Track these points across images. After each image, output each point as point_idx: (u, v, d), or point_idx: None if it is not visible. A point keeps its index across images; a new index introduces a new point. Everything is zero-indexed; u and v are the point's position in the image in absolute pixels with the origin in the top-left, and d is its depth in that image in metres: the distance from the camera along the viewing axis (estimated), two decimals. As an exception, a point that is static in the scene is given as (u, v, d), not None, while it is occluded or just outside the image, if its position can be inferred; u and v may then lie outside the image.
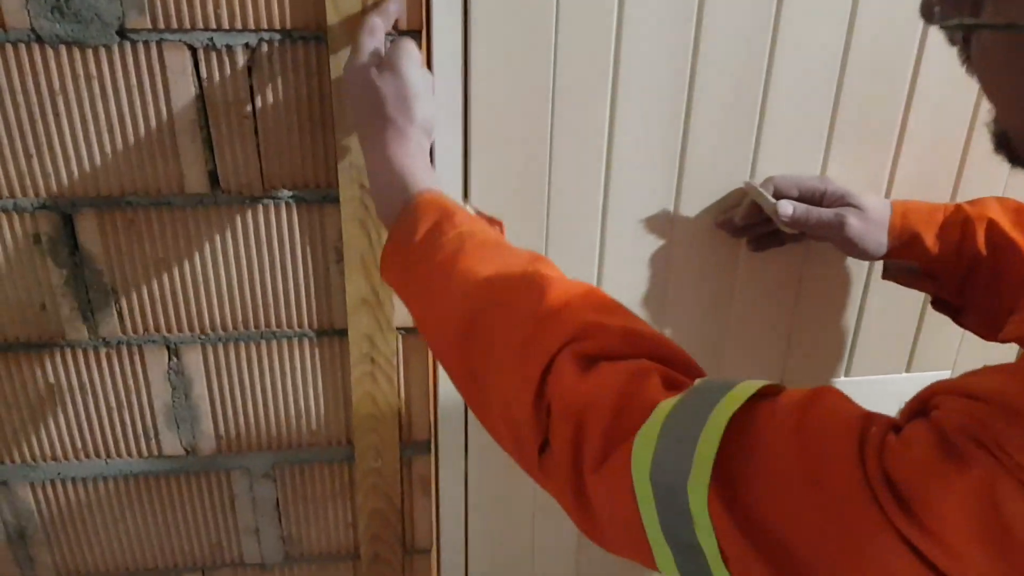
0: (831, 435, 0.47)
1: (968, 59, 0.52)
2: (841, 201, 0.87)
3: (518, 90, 0.83)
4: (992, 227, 0.85)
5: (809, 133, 0.90)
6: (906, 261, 0.88)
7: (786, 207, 0.85)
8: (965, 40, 0.52)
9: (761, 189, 0.87)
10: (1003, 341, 0.56)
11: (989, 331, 0.88)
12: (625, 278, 0.94)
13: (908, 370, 1.06)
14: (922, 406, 0.49)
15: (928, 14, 0.52)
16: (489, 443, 0.98)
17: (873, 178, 0.93)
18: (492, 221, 0.72)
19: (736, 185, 0.91)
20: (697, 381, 0.54)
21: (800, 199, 0.87)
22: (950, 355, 1.06)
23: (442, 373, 0.95)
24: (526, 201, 0.88)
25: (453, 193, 0.85)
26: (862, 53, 0.86)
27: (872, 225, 0.86)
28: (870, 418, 0.48)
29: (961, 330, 0.97)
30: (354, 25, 0.76)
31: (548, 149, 0.86)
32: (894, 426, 0.48)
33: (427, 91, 0.72)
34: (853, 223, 0.85)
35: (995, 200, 0.88)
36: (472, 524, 1.05)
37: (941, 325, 0.95)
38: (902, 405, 0.52)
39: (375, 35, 0.73)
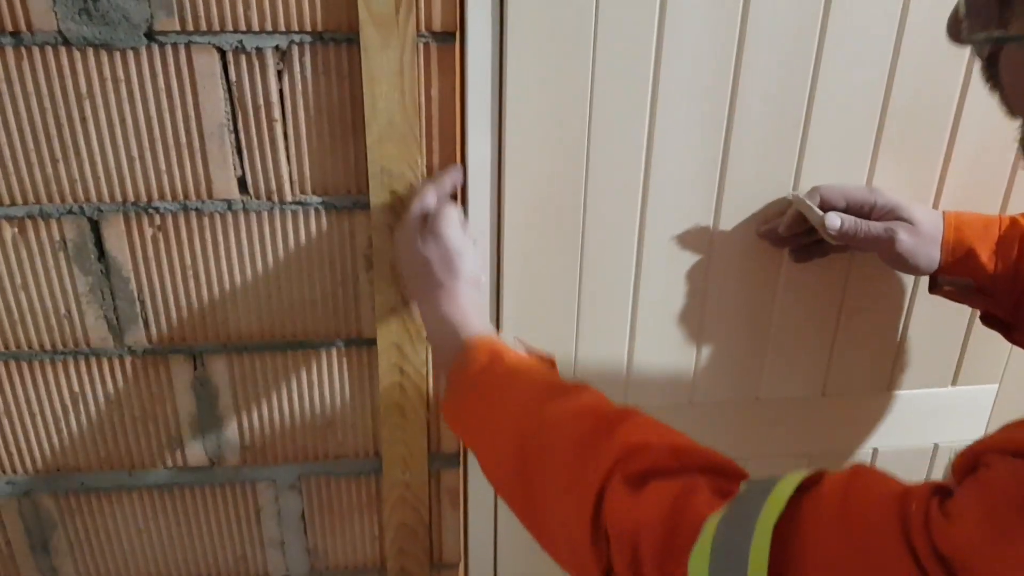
0: (873, 521, 0.48)
1: (992, 76, 0.52)
2: (891, 214, 0.83)
3: (555, 96, 0.80)
4: None
5: (855, 142, 0.87)
6: (959, 278, 0.84)
7: (834, 220, 0.81)
8: (991, 56, 0.51)
9: (808, 201, 0.84)
10: None
11: None
12: (662, 290, 0.91)
13: (954, 384, 1.02)
14: (973, 463, 0.49)
15: (955, 31, 0.52)
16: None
17: (921, 188, 0.90)
18: (542, 357, 0.73)
19: (778, 195, 0.88)
20: (740, 487, 0.54)
21: (847, 211, 0.84)
22: (997, 369, 1.02)
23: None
24: (560, 212, 0.86)
25: (484, 206, 0.84)
26: (911, 60, 0.83)
27: (923, 240, 0.82)
28: (907, 495, 0.48)
29: (1010, 344, 0.94)
30: (388, 32, 0.74)
31: (584, 159, 0.83)
32: (936, 492, 0.48)
33: (468, 249, 0.76)
34: (904, 238, 0.81)
35: None
36: (501, 538, 1.03)
37: (989, 338, 0.92)
38: (951, 458, 0.50)
39: (425, 202, 0.78)
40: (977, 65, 0.84)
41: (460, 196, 0.84)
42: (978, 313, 0.91)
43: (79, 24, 0.73)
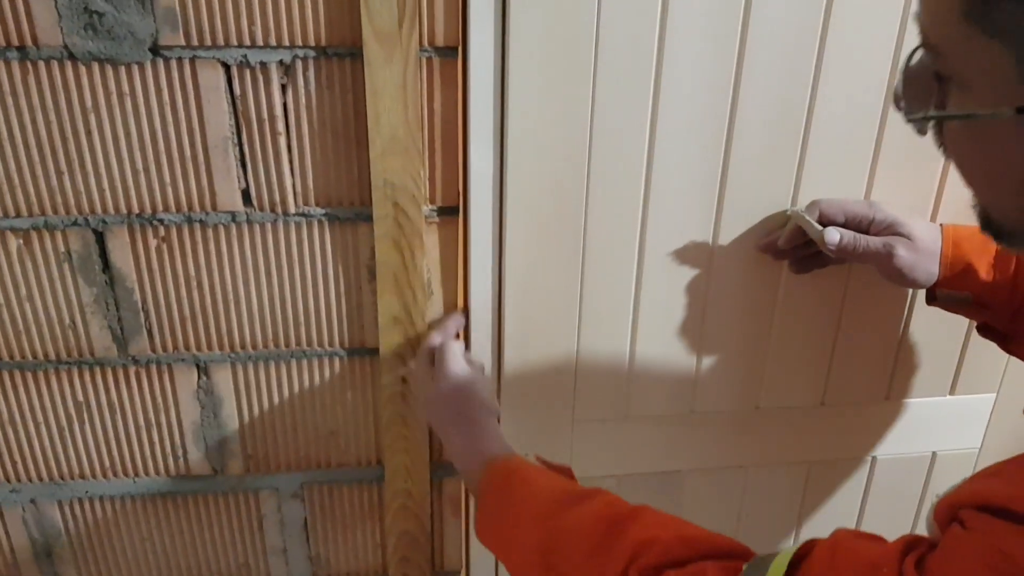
0: None
1: (943, 145, 0.53)
2: (890, 229, 0.84)
3: (556, 109, 0.81)
4: None
5: (854, 156, 0.87)
6: (958, 291, 0.84)
7: (833, 235, 0.82)
8: (937, 130, 0.53)
9: (807, 216, 0.85)
10: None
11: None
12: (663, 302, 0.92)
13: (952, 393, 1.03)
14: (951, 516, 0.52)
15: (898, 107, 0.54)
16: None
17: (919, 201, 0.91)
18: (558, 468, 0.78)
19: (778, 208, 0.89)
20: (743, 568, 0.59)
21: (846, 225, 0.85)
22: (995, 378, 1.03)
23: (474, 393, 0.94)
24: (562, 223, 0.86)
25: (486, 219, 0.84)
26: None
27: (922, 255, 0.83)
28: (878, 566, 0.52)
29: (1006, 354, 0.95)
30: (391, 48, 0.75)
31: (585, 171, 0.84)
32: (910, 549, 0.52)
33: (477, 379, 0.82)
34: (902, 254, 0.82)
35: None
36: (502, 546, 1.03)
37: (987, 348, 0.92)
38: (935, 498, 0.55)
39: (431, 343, 0.85)
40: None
41: (463, 208, 0.85)
42: (975, 324, 0.91)
43: (84, 39, 0.74)
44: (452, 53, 0.78)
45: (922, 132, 0.53)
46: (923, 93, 0.51)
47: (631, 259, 0.90)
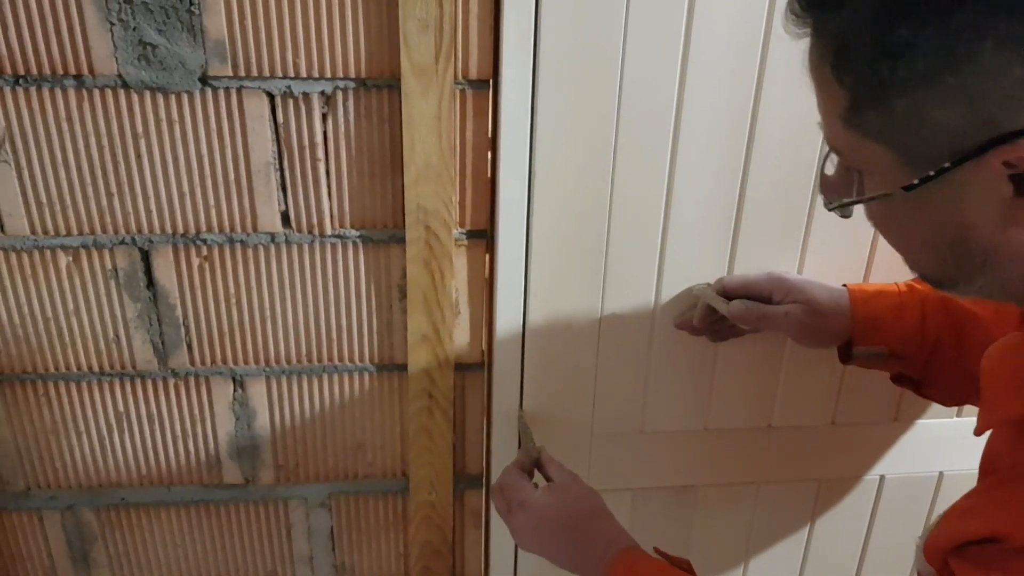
0: None
1: (871, 220, 0.61)
2: (791, 296, 0.87)
3: (582, 140, 0.85)
4: (948, 302, 0.85)
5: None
6: (872, 346, 0.88)
7: (737, 307, 0.87)
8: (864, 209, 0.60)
9: (712, 292, 0.90)
10: (979, 434, 0.65)
11: (952, 398, 0.91)
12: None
13: (959, 415, 1.06)
14: (941, 563, 0.60)
15: (823, 200, 0.63)
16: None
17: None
18: (678, 560, 0.78)
19: (793, 235, 0.93)
20: None
21: (750, 297, 0.89)
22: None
23: (496, 408, 0.97)
24: (585, 246, 0.90)
25: (517, 243, 0.88)
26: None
27: (825, 319, 0.87)
28: None
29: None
30: (428, 81, 0.79)
31: (608, 198, 0.88)
32: None
33: (578, 481, 0.83)
34: (804, 320, 0.86)
35: None
36: (521, 558, 1.07)
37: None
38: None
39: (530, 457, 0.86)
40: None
41: (491, 231, 0.89)
42: (889, 375, 0.93)
43: (138, 69, 0.78)
44: (484, 86, 0.82)
45: (846, 216, 0.62)
46: (844, 184, 0.59)
47: (650, 282, 0.93)
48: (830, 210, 0.62)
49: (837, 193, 0.61)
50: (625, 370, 0.98)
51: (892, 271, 0.96)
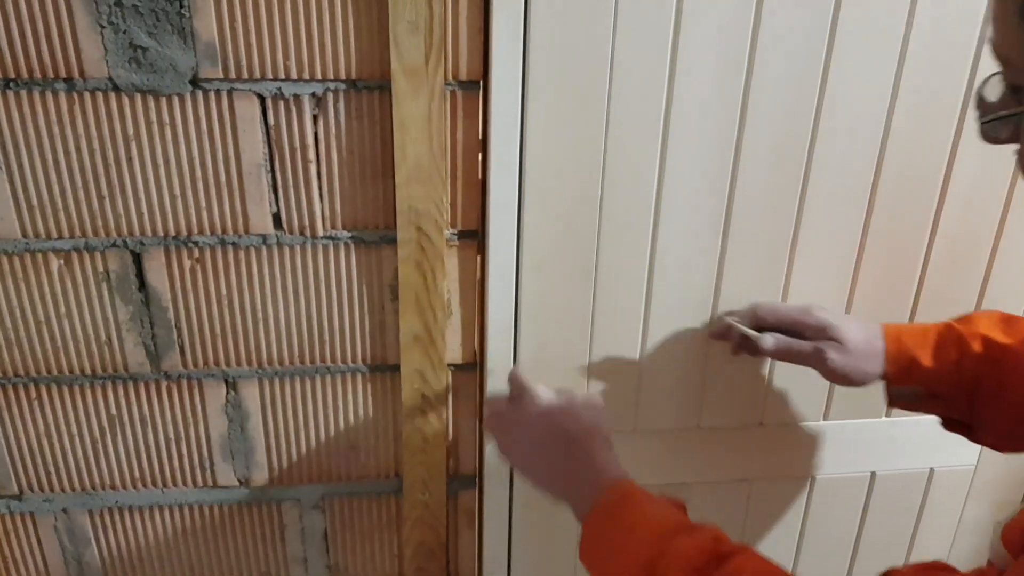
0: None
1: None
2: (823, 333, 0.87)
3: (571, 140, 0.85)
4: (986, 341, 0.84)
5: (850, 190, 0.92)
6: (907, 386, 0.87)
7: (768, 341, 0.88)
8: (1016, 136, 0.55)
9: (741, 326, 0.91)
10: None
11: (1005, 444, 0.88)
12: (671, 321, 0.96)
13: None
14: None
15: (977, 116, 0.57)
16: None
17: (910, 247, 0.97)
18: (674, 502, 0.77)
19: (779, 240, 0.93)
20: None
21: (781, 329, 0.89)
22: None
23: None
24: (575, 246, 0.90)
25: (508, 243, 0.88)
26: (900, 135, 0.89)
27: (855, 357, 0.86)
28: None
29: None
30: (418, 82, 0.79)
31: (599, 198, 0.88)
32: None
33: (575, 404, 0.81)
34: (833, 357, 0.85)
35: (981, 315, 0.88)
36: (515, 558, 1.07)
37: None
38: None
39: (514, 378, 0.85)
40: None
41: (482, 232, 0.89)
42: (940, 422, 0.92)
43: (129, 72, 0.78)
44: (475, 87, 0.83)
45: (997, 138, 0.56)
46: (1007, 105, 0.54)
47: (641, 281, 0.94)
48: (984, 124, 0.56)
49: (995, 111, 0.55)
50: (617, 369, 0.98)
51: (875, 300, 0.97)
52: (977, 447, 1.10)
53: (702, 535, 0.69)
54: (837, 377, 0.87)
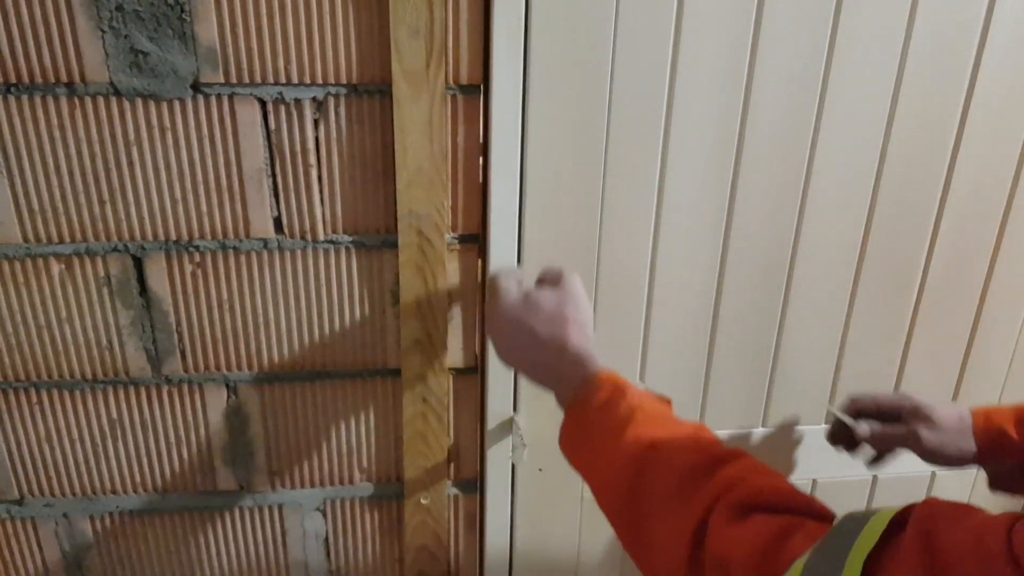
0: (963, 554, 0.49)
1: None
2: (916, 415, 0.90)
3: (572, 144, 0.85)
4: None
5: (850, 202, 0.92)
6: (1000, 462, 0.89)
7: (864, 428, 0.92)
8: None
9: (839, 412, 0.95)
10: None
11: None
12: (671, 323, 0.96)
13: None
14: None
15: None
16: (536, 483, 1.01)
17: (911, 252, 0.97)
18: (661, 399, 0.77)
19: (781, 238, 0.93)
20: (836, 521, 0.56)
21: (878, 414, 0.94)
22: (993, 397, 1.07)
23: (490, 412, 0.97)
24: (576, 249, 0.90)
25: (509, 246, 0.88)
26: (900, 144, 0.89)
27: (947, 434, 0.88)
28: (980, 535, 0.49)
29: (1005, 372, 0.99)
30: (419, 86, 0.79)
31: (600, 201, 0.88)
32: (1015, 521, 0.49)
33: (555, 295, 0.80)
34: (927, 436, 0.88)
35: None
36: (517, 562, 1.07)
37: (986, 366, 0.97)
38: None
39: (517, 274, 0.85)
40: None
41: (482, 235, 0.89)
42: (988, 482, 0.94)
43: (130, 76, 0.79)
44: (475, 91, 0.83)
45: None
46: None
47: (642, 286, 0.94)
48: None
49: None
50: (618, 372, 0.98)
51: (876, 305, 0.97)
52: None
53: (694, 435, 0.69)
54: (932, 456, 0.89)
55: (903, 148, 0.91)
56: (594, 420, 0.73)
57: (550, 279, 0.83)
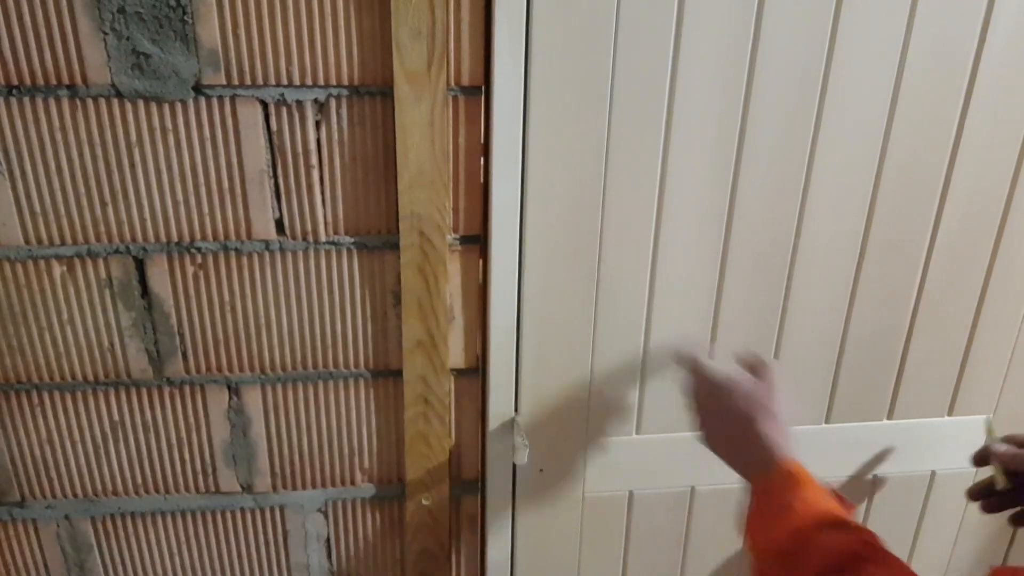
0: None
1: None
2: None
3: (574, 145, 0.85)
4: None
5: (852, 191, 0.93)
6: None
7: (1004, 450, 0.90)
8: None
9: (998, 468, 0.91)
10: None
11: None
12: (673, 324, 0.96)
13: (950, 413, 1.07)
14: None
15: None
16: (537, 484, 1.01)
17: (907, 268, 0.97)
18: (841, 499, 0.79)
19: (782, 233, 0.93)
20: None
21: None
22: (992, 399, 1.07)
23: (492, 413, 0.97)
24: (578, 250, 0.91)
25: (510, 246, 0.89)
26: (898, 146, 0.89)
27: None
28: None
29: (1003, 374, 0.99)
30: (420, 88, 0.79)
31: (600, 201, 0.88)
32: None
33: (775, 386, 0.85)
34: None
35: None
36: (518, 564, 1.07)
37: (983, 369, 0.97)
38: None
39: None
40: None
41: (485, 237, 0.89)
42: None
43: (131, 78, 0.79)
44: (477, 92, 0.83)
45: None
46: None
47: (643, 286, 0.94)
48: None
49: None
50: (619, 373, 0.98)
51: (875, 304, 0.97)
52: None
53: (847, 535, 0.72)
54: None
55: (902, 150, 0.91)
56: (766, 507, 0.78)
57: (749, 363, 0.88)
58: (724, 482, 1.07)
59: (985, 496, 0.91)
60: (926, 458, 1.09)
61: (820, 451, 1.06)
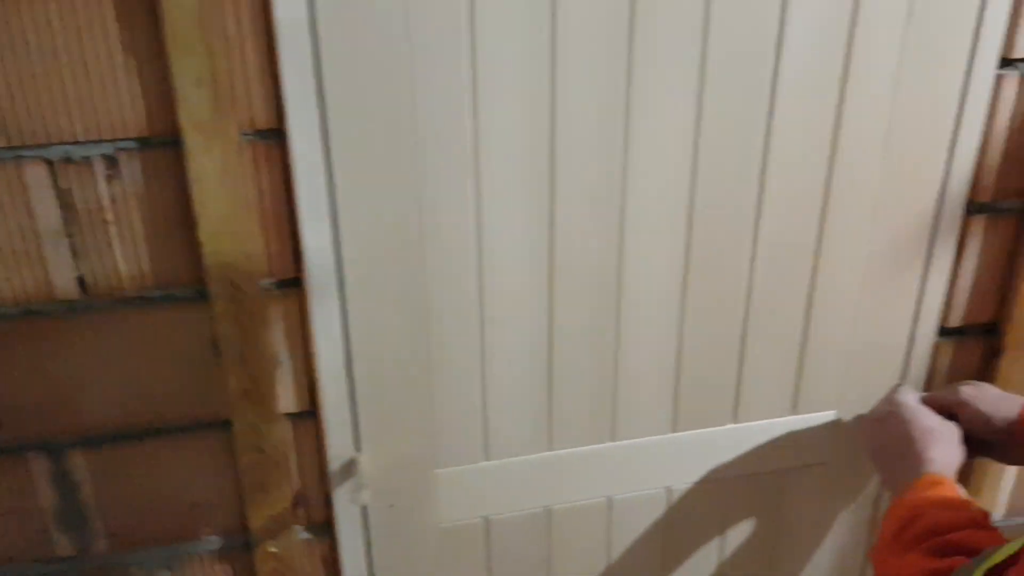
0: None
1: None
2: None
3: (383, 180, 0.85)
4: None
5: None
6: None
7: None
8: None
9: None
10: None
11: None
12: (508, 347, 0.96)
13: (794, 412, 1.09)
14: None
15: None
16: (389, 520, 1.00)
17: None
18: (977, 507, 0.83)
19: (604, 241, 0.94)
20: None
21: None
22: (833, 397, 1.10)
23: (332, 454, 0.96)
24: (402, 286, 0.90)
25: (327, 285, 0.87)
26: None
27: (992, 400, 0.95)
28: None
29: (843, 373, 1.03)
30: (209, 136, 0.78)
31: (419, 235, 0.88)
32: None
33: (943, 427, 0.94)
34: (969, 392, 0.96)
35: None
36: (379, 599, 1.06)
37: (824, 367, 1.00)
38: None
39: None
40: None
41: (302, 280, 0.88)
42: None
43: (-97, 145, 0.75)
44: (274, 135, 0.82)
45: None
46: None
47: (474, 311, 0.94)
48: None
49: None
50: (460, 401, 0.98)
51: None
52: (827, 447, 1.13)
53: (965, 512, 0.79)
54: (979, 419, 0.95)
55: (711, 163, 0.93)
56: (897, 501, 0.87)
57: (940, 403, 0.97)
58: (579, 499, 1.08)
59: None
60: (772, 458, 1.12)
61: (669, 458, 1.08)
